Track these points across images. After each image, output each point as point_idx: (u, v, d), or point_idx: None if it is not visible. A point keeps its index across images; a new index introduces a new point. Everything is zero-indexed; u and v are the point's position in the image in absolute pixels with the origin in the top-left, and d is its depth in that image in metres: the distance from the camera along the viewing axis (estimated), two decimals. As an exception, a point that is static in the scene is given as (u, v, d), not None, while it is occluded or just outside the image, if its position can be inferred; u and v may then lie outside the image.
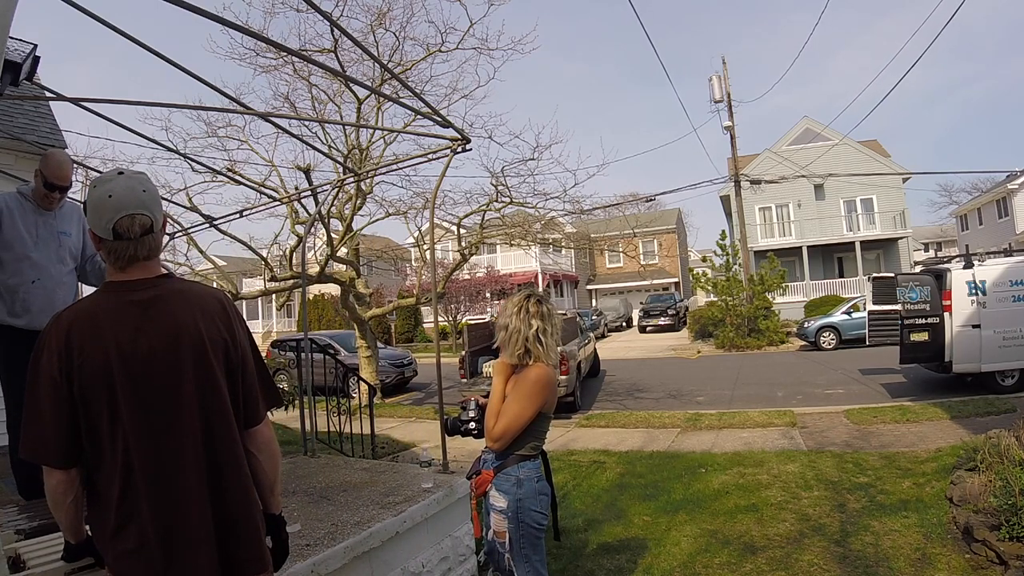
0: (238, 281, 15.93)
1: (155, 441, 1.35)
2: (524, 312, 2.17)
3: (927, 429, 6.41)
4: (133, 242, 1.38)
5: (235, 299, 10.25)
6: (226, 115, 8.82)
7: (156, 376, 1.36)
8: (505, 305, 2.23)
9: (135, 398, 1.34)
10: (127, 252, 1.38)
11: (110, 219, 1.35)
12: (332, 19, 3.12)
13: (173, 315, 1.41)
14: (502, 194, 9.48)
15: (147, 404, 1.35)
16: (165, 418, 1.36)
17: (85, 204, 1.42)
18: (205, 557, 1.37)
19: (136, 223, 1.37)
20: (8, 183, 5.05)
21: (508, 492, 2.11)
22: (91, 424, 1.32)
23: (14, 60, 3.01)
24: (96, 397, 1.31)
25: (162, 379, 1.37)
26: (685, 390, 10.73)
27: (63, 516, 1.42)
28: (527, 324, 2.15)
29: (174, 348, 1.38)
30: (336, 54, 8.19)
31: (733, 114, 19.07)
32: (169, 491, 1.35)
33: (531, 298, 2.22)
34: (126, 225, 1.36)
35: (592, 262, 35.75)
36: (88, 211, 1.38)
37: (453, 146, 3.68)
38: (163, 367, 1.37)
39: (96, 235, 1.39)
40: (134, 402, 1.33)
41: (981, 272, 7.80)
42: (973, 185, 37.62)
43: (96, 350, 1.32)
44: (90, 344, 1.32)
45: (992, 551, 3.17)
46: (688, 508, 4.49)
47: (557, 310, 2.35)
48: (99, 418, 1.32)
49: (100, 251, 1.42)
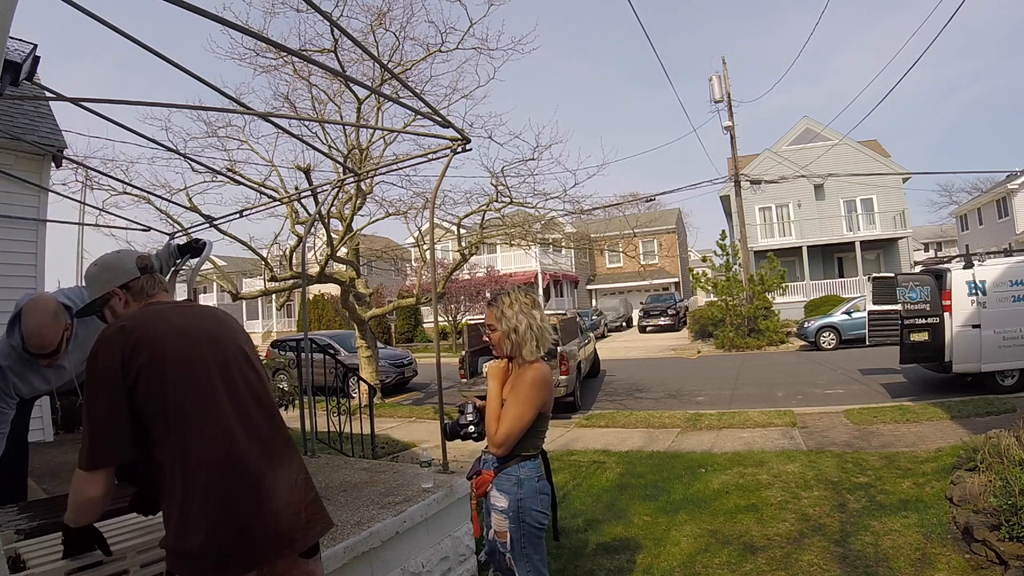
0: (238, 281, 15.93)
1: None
2: (525, 307, 2.21)
3: (927, 429, 6.41)
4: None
5: (235, 299, 10.26)
6: (226, 115, 8.82)
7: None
8: (500, 311, 2.22)
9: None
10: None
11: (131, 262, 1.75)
12: (332, 19, 3.12)
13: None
14: (502, 194, 9.48)
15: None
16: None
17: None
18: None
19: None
20: (8, 183, 5.06)
21: (509, 492, 2.12)
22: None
23: (14, 60, 3.02)
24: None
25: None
26: (685, 390, 10.73)
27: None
28: (531, 316, 2.20)
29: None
30: (336, 54, 8.19)
31: (733, 114, 19.07)
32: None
33: (521, 291, 2.28)
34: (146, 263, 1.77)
35: (592, 262, 35.75)
36: (106, 271, 1.73)
37: (453, 146, 3.67)
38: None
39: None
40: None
41: (981, 272, 7.80)
42: (973, 185, 37.66)
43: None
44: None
45: (992, 551, 3.17)
46: (688, 508, 4.49)
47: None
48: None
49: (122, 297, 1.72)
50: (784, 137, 25.49)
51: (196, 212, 8.20)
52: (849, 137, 22.41)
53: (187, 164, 8.02)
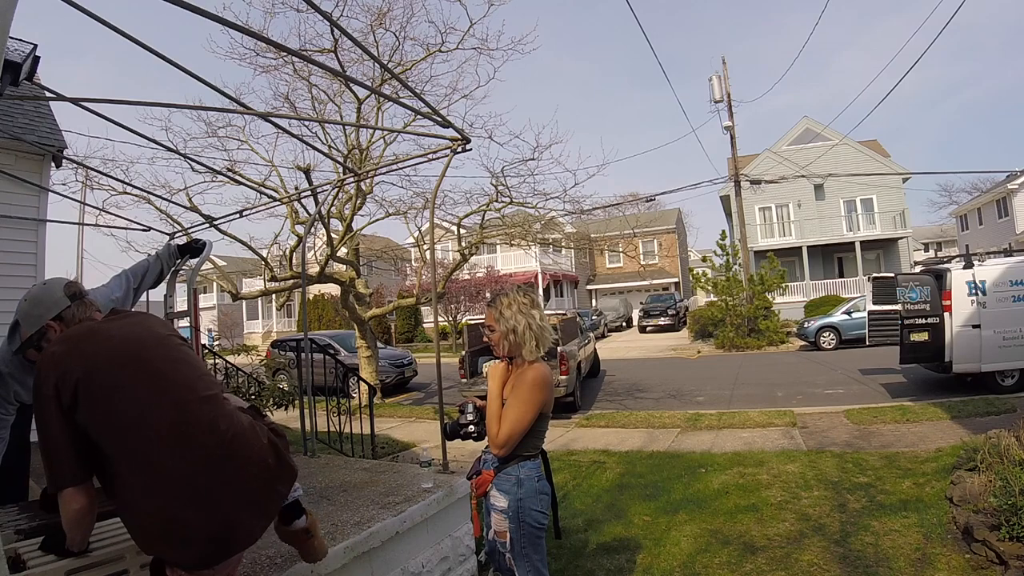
0: (238, 281, 15.93)
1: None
2: (524, 307, 2.22)
3: (927, 429, 6.41)
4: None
5: (235, 299, 10.27)
6: (226, 115, 8.82)
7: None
8: (499, 311, 2.23)
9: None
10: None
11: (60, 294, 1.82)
12: (332, 19, 3.12)
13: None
14: (502, 194, 9.47)
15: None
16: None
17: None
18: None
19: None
20: (8, 183, 5.06)
21: (509, 492, 2.13)
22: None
23: (14, 60, 3.02)
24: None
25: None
26: (685, 390, 10.73)
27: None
28: (530, 316, 2.20)
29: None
30: (336, 54, 8.18)
31: (733, 114, 19.07)
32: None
33: (519, 291, 2.29)
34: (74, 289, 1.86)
35: (592, 262, 35.74)
36: (37, 307, 1.80)
37: (453, 146, 3.67)
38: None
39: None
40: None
41: (981, 272, 7.79)
42: (973, 185, 37.62)
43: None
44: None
45: (992, 551, 3.17)
46: (688, 508, 4.49)
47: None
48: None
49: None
50: (784, 137, 25.48)
51: (196, 212, 8.22)
52: (849, 137, 22.41)
53: (187, 164, 8.04)
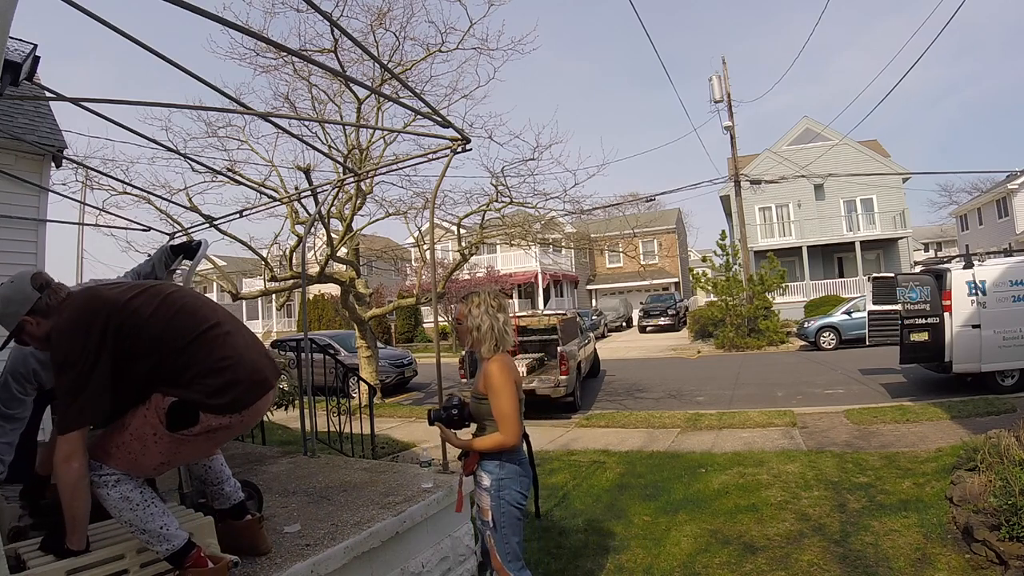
0: (238, 281, 15.92)
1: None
2: (491, 310, 2.41)
3: (927, 429, 6.41)
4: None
5: (235, 299, 10.26)
6: (226, 115, 8.83)
7: None
8: (468, 308, 2.44)
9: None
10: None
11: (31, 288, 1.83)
12: (332, 19, 3.12)
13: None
14: (502, 194, 9.48)
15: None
16: None
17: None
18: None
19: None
20: (8, 183, 5.05)
21: (491, 471, 2.35)
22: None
23: (14, 60, 3.02)
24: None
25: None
26: (685, 390, 10.73)
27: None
28: (495, 318, 2.40)
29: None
30: (336, 54, 8.19)
31: (733, 114, 19.08)
32: None
33: (491, 295, 2.50)
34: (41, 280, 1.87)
35: (592, 262, 35.74)
36: (9, 305, 1.80)
37: (453, 146, 3.67)
38: None
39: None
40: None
41: (981, 272, 7.79)
42: (973, 185, 37.63)
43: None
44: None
45: (992, 551, 3.17)
46: (688, 508, 4.49)
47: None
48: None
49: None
50: (784, 137, 25.48)
51: (196, 212, 8.22)
52: (849, 137, 22.41)
53: (187, 164, 8.04)
